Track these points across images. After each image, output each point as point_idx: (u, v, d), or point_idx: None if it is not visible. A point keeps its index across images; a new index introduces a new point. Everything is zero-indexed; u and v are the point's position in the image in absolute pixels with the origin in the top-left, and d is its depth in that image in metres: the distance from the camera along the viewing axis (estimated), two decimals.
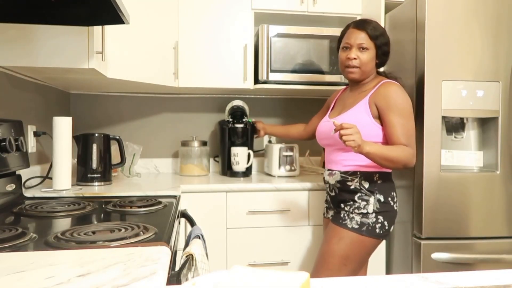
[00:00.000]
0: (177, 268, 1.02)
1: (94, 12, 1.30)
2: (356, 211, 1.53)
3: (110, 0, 1.14)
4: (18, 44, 1.48)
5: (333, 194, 1.63)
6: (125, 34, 1.83)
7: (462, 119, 1.88)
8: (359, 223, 1.51)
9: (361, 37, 1.56)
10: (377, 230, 1.51)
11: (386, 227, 1.53)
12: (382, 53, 1.59)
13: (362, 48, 1.56)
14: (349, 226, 1.52)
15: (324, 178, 1.72)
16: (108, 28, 1.70)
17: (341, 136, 1.35)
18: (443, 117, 1.78)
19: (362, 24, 1.58)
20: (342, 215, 1.55)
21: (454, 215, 1.76)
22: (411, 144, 1.49)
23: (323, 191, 1.92)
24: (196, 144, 2.32)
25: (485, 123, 1.86)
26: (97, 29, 1.56)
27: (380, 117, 1.53)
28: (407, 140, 1.48)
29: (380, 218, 1.52)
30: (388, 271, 2.05)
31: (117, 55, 1.78)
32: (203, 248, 1.25)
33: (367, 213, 1.52)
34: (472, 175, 1.80)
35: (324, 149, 1.92)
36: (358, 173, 1.55)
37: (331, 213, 1.69)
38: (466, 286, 0.66)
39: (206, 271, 1.16)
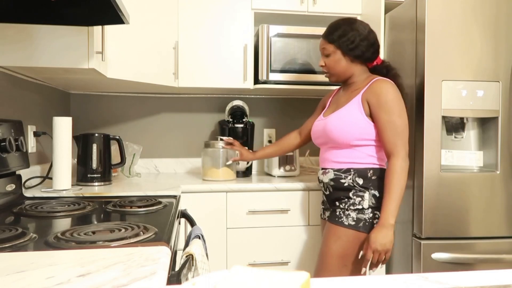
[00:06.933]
0: (177, 268, 1.02)
1: (94, 12, 1.30)
2: (352, 207, 1.52)
3: (110, 0, 1.14)
4: (18, 44, 1.48)
5: (327, 192, 1.63)
6: (125, 34, 1.83)
7: (462, 119, 1.88)
8: (355, 219, 1.50)
9: (321, 44, 1.65)
10: (374, 226, 1.50)
11: None
12: (349, 50, 1.57)
13: (325, 55, 1.63)
14: (346, 223, 1.51)
15: (318, 177, 1.71)
16: (108, 28, 1.70)
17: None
18: (443, 117, 1.78)
19: (324, 31, 1.65)
20: (337, 213, 1.55)
21: (454, 215, 1.76)
22: (399, 143, 1.46)
23: None
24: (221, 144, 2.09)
25: (485, 123, 1.86)
26: (97, 29, 1.56)
27: (371, 115, 1.53)
28: (395, 139, 1.46)
29: (377, 213, 1.51)
30: (388, 271, 2.05)
31: (117, 55, 1.79)
32: (203, 248, 1.25)
33: (363, 208, 1.51)
34: (472, 175, 1.80)
35: None
36: (351, 170, 1.54)
37: (327, 213, 1.68)
38: (466, 286, 0.66)
39: (206, 271, 1.16)
